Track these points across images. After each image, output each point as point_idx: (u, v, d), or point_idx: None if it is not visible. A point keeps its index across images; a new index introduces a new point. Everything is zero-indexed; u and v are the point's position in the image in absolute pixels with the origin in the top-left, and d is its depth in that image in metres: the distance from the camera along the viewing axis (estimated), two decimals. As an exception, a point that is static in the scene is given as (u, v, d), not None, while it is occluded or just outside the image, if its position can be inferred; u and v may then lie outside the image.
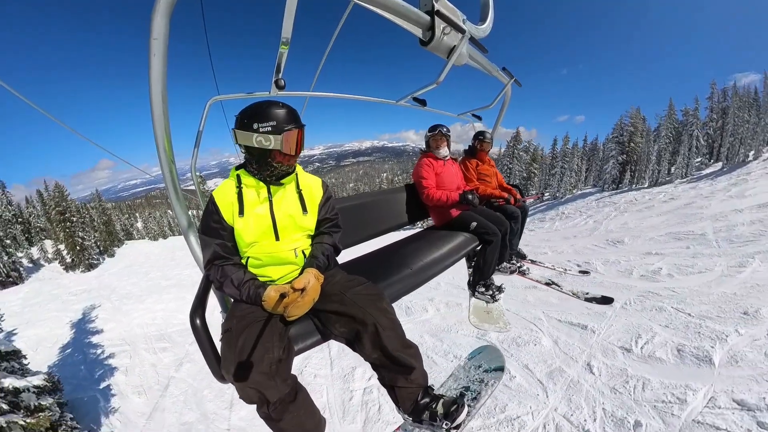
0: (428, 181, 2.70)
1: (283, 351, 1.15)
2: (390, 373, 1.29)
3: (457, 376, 1.81)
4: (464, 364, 1.92)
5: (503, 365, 1.77)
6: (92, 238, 32.16)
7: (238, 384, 1.07)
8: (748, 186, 17.26)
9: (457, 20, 1.61)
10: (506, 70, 2.82)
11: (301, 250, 1.38)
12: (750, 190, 16.21)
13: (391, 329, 1.24)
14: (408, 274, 1.84)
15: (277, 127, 1.23)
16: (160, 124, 1.34)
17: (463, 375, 1.80)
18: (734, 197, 15.17)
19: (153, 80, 1.26)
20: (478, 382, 1.68)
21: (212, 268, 1.29)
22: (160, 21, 1.18)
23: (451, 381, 1.77)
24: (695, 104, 29.13)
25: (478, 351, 2.02)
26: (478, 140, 3.39)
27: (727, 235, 8.97)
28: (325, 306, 1.29)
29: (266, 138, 1.22)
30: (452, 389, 1.67)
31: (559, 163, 33.84)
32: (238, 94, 1.62)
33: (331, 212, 1.50)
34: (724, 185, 19.10)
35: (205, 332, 1.19)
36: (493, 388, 1.58)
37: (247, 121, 1.24)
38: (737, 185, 18.35)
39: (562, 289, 3.52)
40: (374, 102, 2.56)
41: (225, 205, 1.31)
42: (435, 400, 1.32)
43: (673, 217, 13.50)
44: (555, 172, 33.69)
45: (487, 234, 2.53)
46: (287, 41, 1.29)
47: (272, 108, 1.24)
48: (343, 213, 1.54)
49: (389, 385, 1.33)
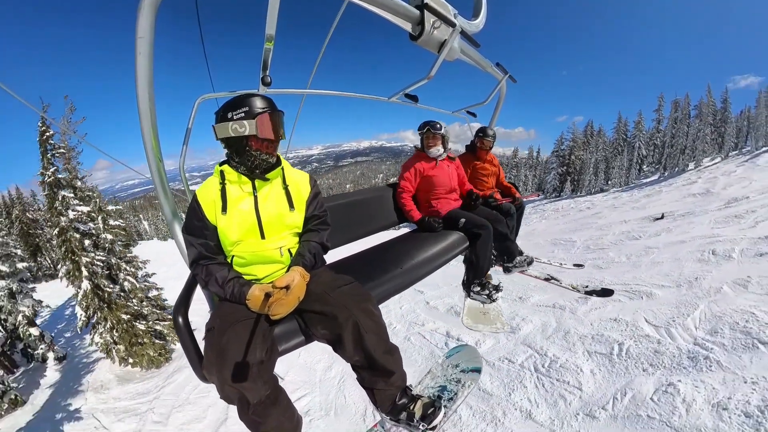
0: (405, 182, 2.63)
1: (266, 352, 1.12)
2: (370, 376, 1.30)
3: (434, 374, 1.83)
4: (442, 362, 1.94)
5: (480, 366, 1.79)
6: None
7: (219, 384, 1.05)
8: (659, 198, 19.47)
9: (448, 14, 1.59)
10: (500, 65, 2.77)
11: (288, 249, 1.35)
12: (655, 202, 18.38)
13: (374, 332, 1.21)
14: (398, 274, 1.80)
15: (250, 112, 1.21)
16: (147, 122, 1.34)
17: (441, 373, 1.82)
18: (637, 209, 17.29)
19: (139, 79, 1.27)
20: (455, 382, 1.70)
21: (197, 267, 1.27)
22: (145, 20, 1.18)
23: (429, 379, 1.79)
24: (638, 117, 32.43)
25: (456, 350, 2.04)
26: (479, 137, 3.30)
27: (591, 243, 10.85)
28: (310, 306, 1.26)
29: (240, 124, 1.20)
30: (429, 388, 1.71)
31: (508, 174, 36.58)
32: (226, 92, 1.60)
33: (320, 209, 1.46)
34: (639, 197, 21.85)
35: (187, 330, 1.18)
36: (469, 389, 1.62)
37: (222, 113, 1.23)
38: (650, 196, 20.95)
39: (562, 284, 3.52)
40: (370, 100, 2.54)
41: (207, 203, 1.27)
42: (413, 401, 1.35)
43: (571, 224, 14.70)
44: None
45: (476, 227, 2.44)
46: (272, 38, 1.29)
47: (245, 97, 1.24)
48: (332, 212, 1.52)
49: (368, 387, 1.34)
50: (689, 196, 17.79)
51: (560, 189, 34.21)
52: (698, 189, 18.80)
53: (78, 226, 9.60)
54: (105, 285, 9.73)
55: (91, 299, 9.63)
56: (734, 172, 20.81)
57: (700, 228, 10.83)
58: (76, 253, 9.48)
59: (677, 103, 31.13)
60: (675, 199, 18.24)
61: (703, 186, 19.34)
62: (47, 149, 9.57)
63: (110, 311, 9.93)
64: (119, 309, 10.12)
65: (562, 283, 3.49)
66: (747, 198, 13.96)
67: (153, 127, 1.36)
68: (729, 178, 19.74)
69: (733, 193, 15.65)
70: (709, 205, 14.59)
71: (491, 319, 2.57)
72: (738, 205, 13.04)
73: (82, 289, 9.53)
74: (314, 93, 2.13)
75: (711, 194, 16.78)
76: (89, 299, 9.61)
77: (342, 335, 1.19)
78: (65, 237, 9.46)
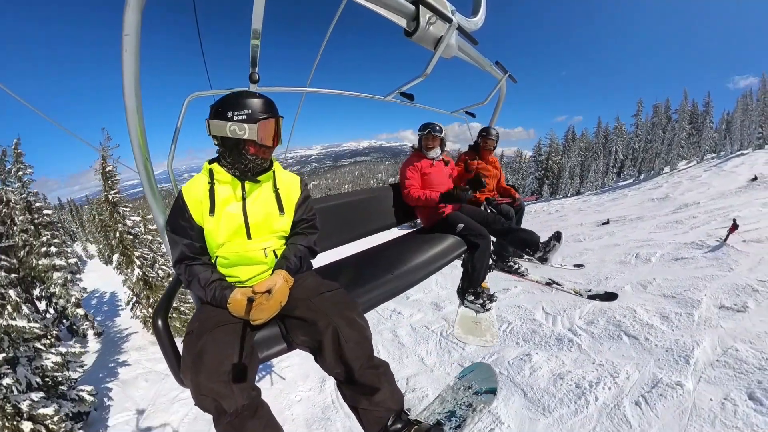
0: (410, 181, 2.59)
1: (244, 358, 1.06)
2: (352, 393, 1.15)
3: (444, 398, 1.62)
4: (454, 384, 1.72)
5: (496, 387, 1.57)
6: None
7: (193, 389, 0.99)
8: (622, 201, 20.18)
9: (444, 9, 1.55)
10: (500, 64, 2.72)
11: (273, 250, 1.30)
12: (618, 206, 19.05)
13: (356, 342, 1.11)
14: (388, 279, 1.72)
15: (252, 116, 1.16)
16: (134, 121, 1.31)
17: (451, 398, 1.59)
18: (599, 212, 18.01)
19: (126, 76, 1.24)
20: (465, 406, 1.48)
21: (180, 267, 1.23)
22: (132, 17, 1.15)
23: (437, 404, 1.58)
24: (616, 122, 34.21)
25: (469, 369, 1.81)
26: (482, 137, 3.25)
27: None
28: (292, 311, 1.20)
29: (240, 127, 1.15)
30: (436, 414, 1.48)
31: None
32: (216, 90, 1.57)
33: (309, 213, 1.42)
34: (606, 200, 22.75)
35: (166, 334, 1.15)
36: (480, 414, 1.40)
37: (221, 109, 1.17)
38: (616, 200, 21.77)
39: (563, 288, 3.45)
40: (368, 99, 2.50)
41: (194, 203, 1.23)
42: (408, 427, 1.14)
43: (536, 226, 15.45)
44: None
45: (474, 236, 2.38)
46: (258, 33, 1.26)
47: (248, 97, 1.18)
48: (325, 213, 1.47)
49: (352, 406, 1.18)
50: (648, 201, 18.26)
51: (539, 192, 35.72)
52: (659, 194, 19.24)
53: (131, 230, 13.52)
54: (148, 272, 13.29)
55: (136, 282, 13.23)
56: (699, 177, 21.18)
57: (640, 232, 11.47)
58: (129, 249, 13.26)
59: (658, 107, 32.10)
60: (635, 203, 18.75)
61: (665, 191, 19.78)
62: (107, 177, 13.36)
63: (151, 291, 13.38)
64: (158, 290, 13.38)
65: (564, 287, 3.43)
66: (697, 203, 14.40)
67: (140, 126, 1.33)
68: (692, 182, 20.17)
69: (688, 199, 16.06)
70: (662, 209, 15.06)
71: (482, 330, 2.43)
72: (685, 211, 13.49)
73: (134, 274, 13.13)
74: (309, 91, 2.08)
75: (669, 199, 17.23)
76: (137, 283, 13.23)
77: (322, 343, 1.11)
78: (122, 238, 13.28)
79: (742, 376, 4.04)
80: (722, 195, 14.98)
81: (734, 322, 4.98)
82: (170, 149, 1.54)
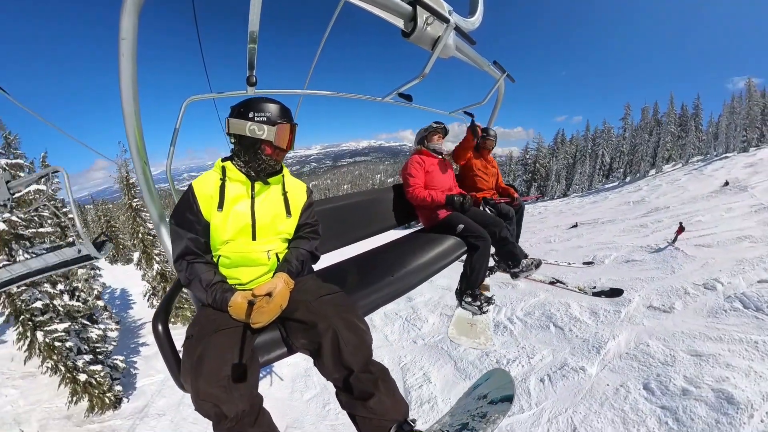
0: (415, 180, 2.57)
1: (245, 362, 1.06)
2: (348, 398, 1.11)
3: (455, 410, 1.49)
4: (468, 393, 1.60)
5: (512, 394, 1.44)
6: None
7: (193, 394, 0.99)
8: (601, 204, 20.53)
9: (441, 10, 1.55)
10: (498, 64, 2.71)
11: (275, 253, 1.31)
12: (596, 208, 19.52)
13: (355, 345, 1.10)
14: (389, 282, 1.71)
15: (271, 119, 1.23)
16: (131, 124, 1.32)
17: (464, 408, 1.47)
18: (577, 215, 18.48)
19: (123, 80, 1.24)
20: (479, 418, 1.34)
21: (182, 263, 1.23)
22: (128, 21, 1.15)
23: (448, 416, 1.44)
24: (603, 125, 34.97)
25: (485, 377, 1.66)
26: (482, 137, 3.25)
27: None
28: (292, 315, 1.20)
29: (260, 127, 1.21)
30: (447, 426, 1.35)
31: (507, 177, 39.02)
32: (213, 94, 1.57)
33: (312, 218, 1.46)
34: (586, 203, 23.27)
35: (166, 338, 1.14)
36: (494, 425, 1.28)
37: (243, 110, 1.23)
38: (596, 203, 22.10)
39: (568, 287, 3.44)
40: (365, 100, 2.49)
41: (204, 197, 1.23)
42: None
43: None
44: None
45: (474, 237, 2.36)
46: (255, 36, 1.27)
47: (269, 102, 1.26)
48: (325, 215, 1.47)
49: (350, 414, 1.13)
50: (624, 204, 18.41)
51: (527, 194, 36.18)
52: (637, 197, 19.34)
53: (150, 232, 15.31)
54: (165, 267, 15.25)
55: (155, 277, 15.37)
56: (678, 181, 21.14)
57: (606, 236, 11.86)
58: (149, 248, 15.48)
59: (645, 110, 32.57)
60: (612, 206, 18.92)
61: (643, 194, 19.85)
62: (130, 187, 15.03)
63: (167, 284, 15.05)
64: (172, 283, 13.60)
65: (568, 285, 3.42)
66: (667, 207, 14.54)
67: (138, 129, 1.33)
68: (670, 186, 20.20)
69: (660, 203, 16.15)
70: (633, 213, 15.27)
71: (476, 333, 2.40)
72: (654, 215, 13.69)
73: (153, 269, 15.42)
74: (307, 93, 2.08)
75: (643, 203, 17.34)
76: (156, 277, 15.34)
77: (321, 345, 1.10)
78: (143, 239, 15.41)
79: (644, 368, 4.45)
80: (693, 199, 15.07)
81: (657, 321, 5.36)
82: (169, 151, 1.55)
